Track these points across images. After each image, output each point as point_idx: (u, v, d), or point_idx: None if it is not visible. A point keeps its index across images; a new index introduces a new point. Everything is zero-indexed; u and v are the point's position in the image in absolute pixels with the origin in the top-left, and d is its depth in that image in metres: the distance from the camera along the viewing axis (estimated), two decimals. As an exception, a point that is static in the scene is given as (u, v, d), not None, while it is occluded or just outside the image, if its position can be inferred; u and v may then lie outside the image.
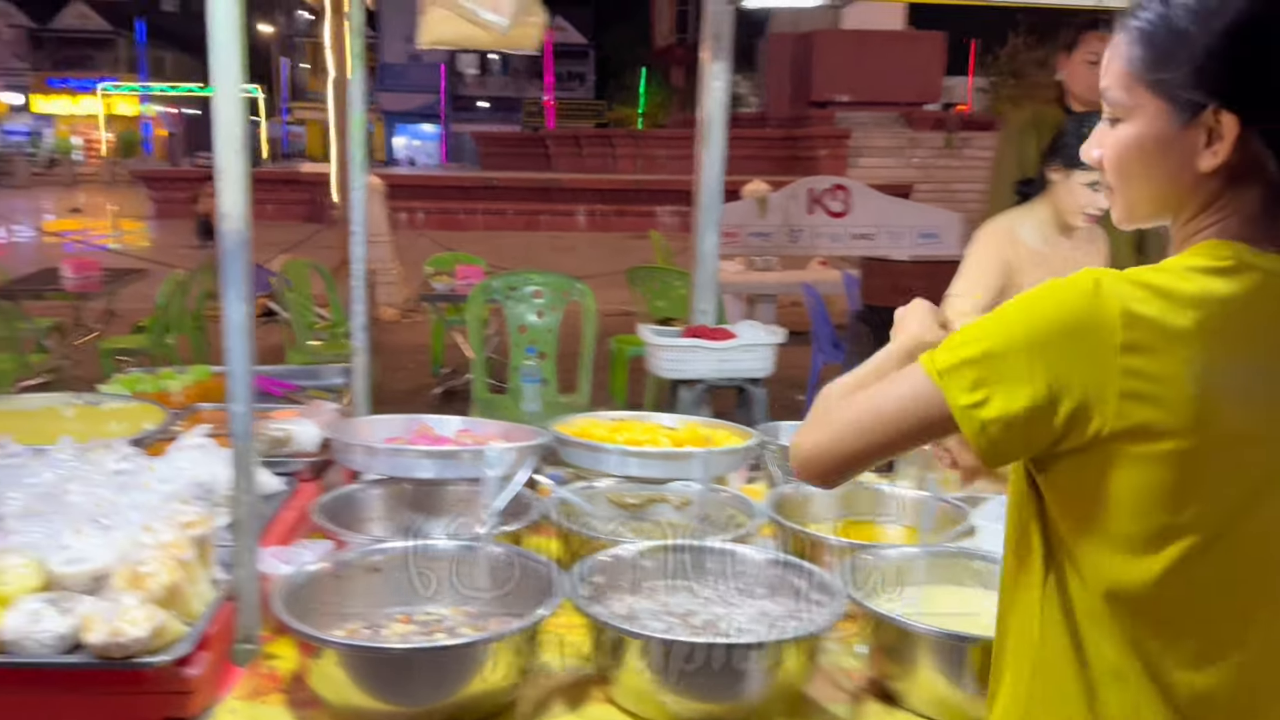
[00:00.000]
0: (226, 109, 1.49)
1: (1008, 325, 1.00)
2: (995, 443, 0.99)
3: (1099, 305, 0.97)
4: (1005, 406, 0.98)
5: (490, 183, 18.82)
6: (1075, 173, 2.51)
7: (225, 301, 1.52)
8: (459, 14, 2.29)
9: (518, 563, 1.70)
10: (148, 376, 2.83)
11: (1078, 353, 0.96)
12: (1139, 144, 1.04)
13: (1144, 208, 1.08)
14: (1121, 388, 0.95)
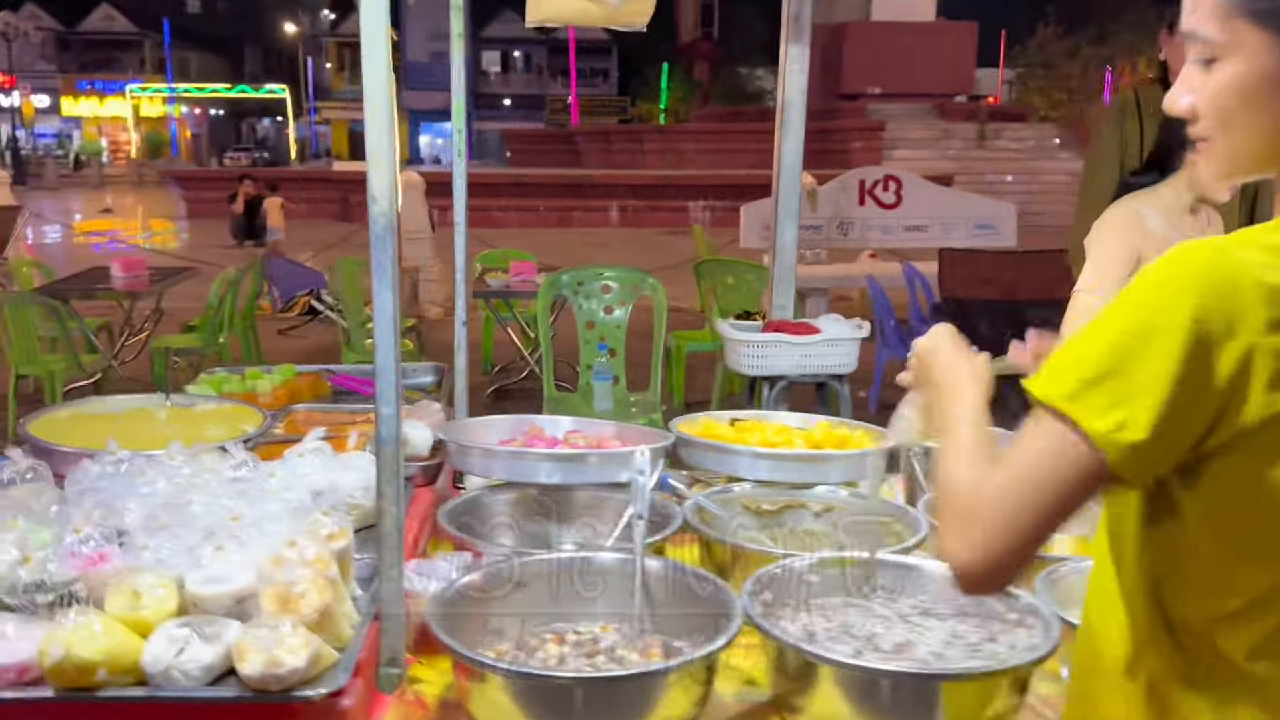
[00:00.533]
0: (375, 88, 1.36)
1: (1123, 325, 0.87)
2: (1143, 466, 0.86)
3: (1228, 281, 0.84)
4: (1148, 420, 0.84)
5: (522, 179, 18.74)
6: None
7: (375, 291, 1.39)
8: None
9: (676, 577, 1.56)
10: (233, 376, 2.71)
11: (1213, 337, 0.83)
12: (1241, 85, 0.92)
13: (1248, 159, 0.95)
14: (1272, 369, 0.83)
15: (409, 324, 6.89)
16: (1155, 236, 2.44)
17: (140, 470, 1.71)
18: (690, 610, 1.50)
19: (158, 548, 1.37)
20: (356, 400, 2.72)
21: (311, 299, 9.25)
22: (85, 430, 2.10)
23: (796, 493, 2.00)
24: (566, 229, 17.77)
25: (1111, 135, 3.77)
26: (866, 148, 20.43)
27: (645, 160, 21.94)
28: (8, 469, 1.66)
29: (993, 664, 1.35)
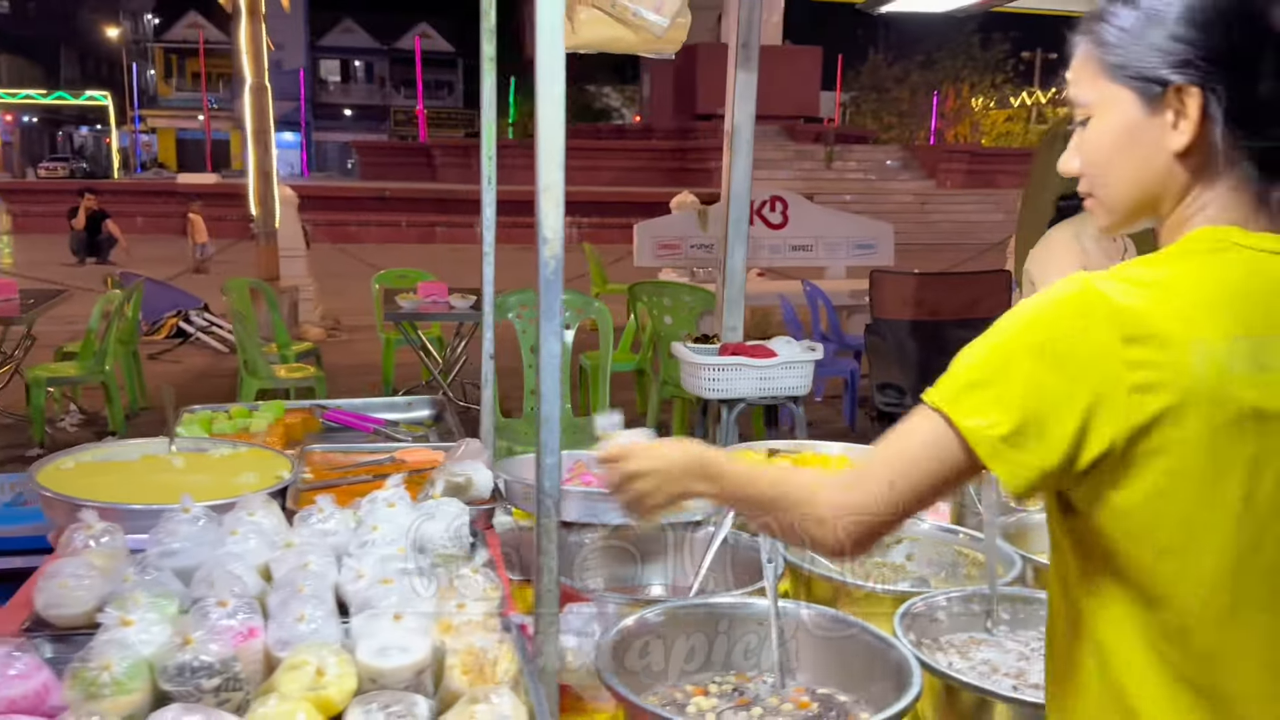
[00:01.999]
0: (549, 118, 1.29)
1: (1004, 341, 0.98)
2: (1013, 465, 0.96)
3: (1093, 304, 0.95)
4: (1016, 420, 0.95)
5: (383, 193, 18.26)
6: None
7: (542, 336, 1.32)
8: (615, 15, 2.11)
9: (820, 622, 1.53)
10: (219, 415, 2.53)
11: (1079, 354, 0.94)
12: (1111, 136, 1.04)
13: (1126, 206, 1.06)
14: (1131, 381, 0.93)
15: (306, 347, 6.60)
16: (1091, 255, 2.58)
17: (215, 527, 1.58)
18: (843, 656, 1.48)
19: (312, 617, 1.26)
20: (352, 437, 2.59)
21: (180, 321, 8.76)
22: (99, 482, 1.92)
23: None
24: (430, 245, 17.42)
25: (1046, 161, 3.95)
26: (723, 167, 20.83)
27: (505, 176, 21.73)
28: (81, 533, 1.50)
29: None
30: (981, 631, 1.63)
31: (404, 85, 53.42)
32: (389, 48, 54.76)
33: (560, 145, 1.33)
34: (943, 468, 0.99)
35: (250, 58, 8.26)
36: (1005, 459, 0.95)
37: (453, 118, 49.55)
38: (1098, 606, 1.02)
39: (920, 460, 1.00)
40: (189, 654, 1.15)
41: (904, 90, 40.19)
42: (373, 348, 8.65)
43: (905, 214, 19.08)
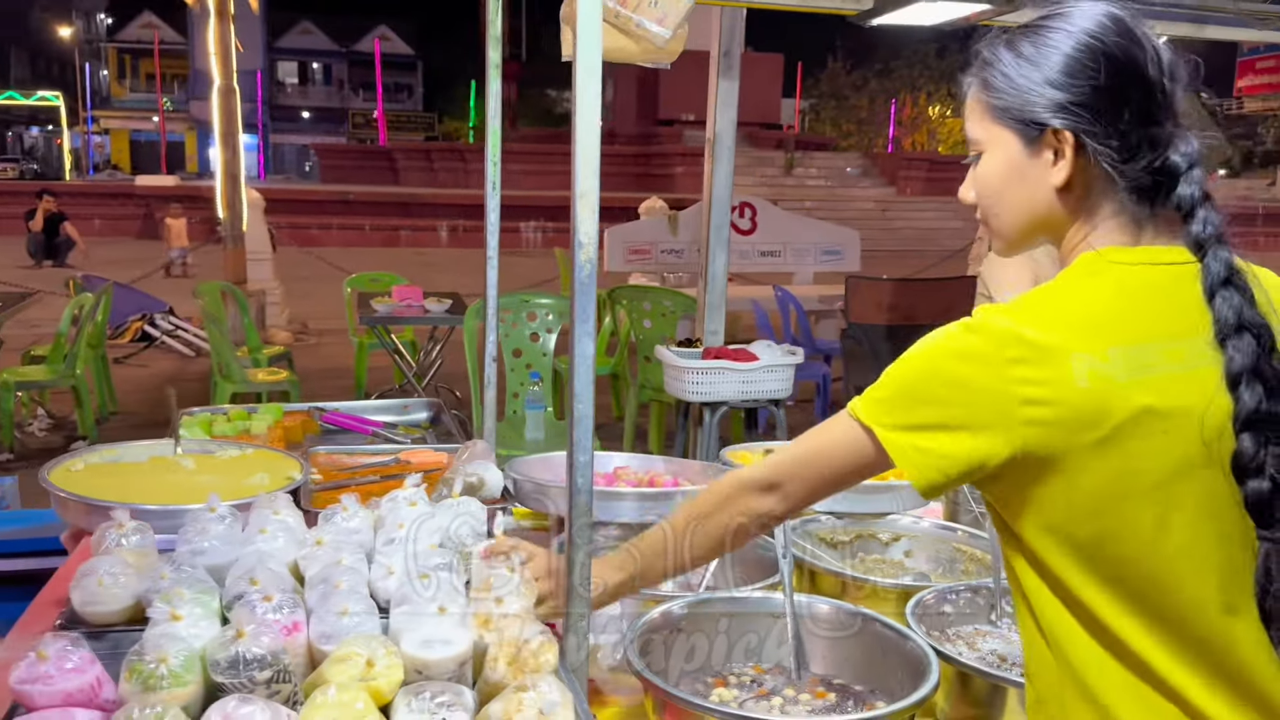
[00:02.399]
0: (586, 125, 1.33)
1: (913, 362, 1.10)
2: (921, 466, 1.08)
3: (985, 330, 1.06)
4: (920, 427, 1.07)
5: (346, 197, 18.15)
6: None
7: (575, 338, 1.35)
8: (619, 25, 2.16)
9: (836, 616, 1.59)
10: (218, 418, 2.54)
11: (975, 377, 1.05)
12: (998, 171, 1.15)
13: (1015, 233, 1.18)
14: (1021, 396, 1.03)
15: (278, 351, 6.57)
16: (1042, 266, 2.63)
17: (239, 526, 1.60)
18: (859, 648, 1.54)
19: (354, 611, 1.29)
20: (352, 439, 2.61)
21: (145, 324, 8.67)
22: (111, 483, 1.93)
23: (868, 523, 2.07)
24: (393, 248, 17.35)
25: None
26: (688, 173, 20.95)
27: (468, 179, 21.70)
28: (113, 532, 1.51)
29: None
30: (986, 624, 1.69)
31: (363, 88, 53.06)
32: (348, 50, 54.37)
33: (596, 152, 1.37)
34: (853, 463, 1.16)
35: (219, 59, 8.20)
36: (915, 463, 1.08)
37: (412, 121, 49.34)
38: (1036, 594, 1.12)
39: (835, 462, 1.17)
40: (241, 646, 1.18)
41: (862, 98, 40.62)
42: (342, 351, 8.63)
43: (867, 220, 19.30)
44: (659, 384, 4.99)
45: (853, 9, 2.73)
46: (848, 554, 2.05)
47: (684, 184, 20.00)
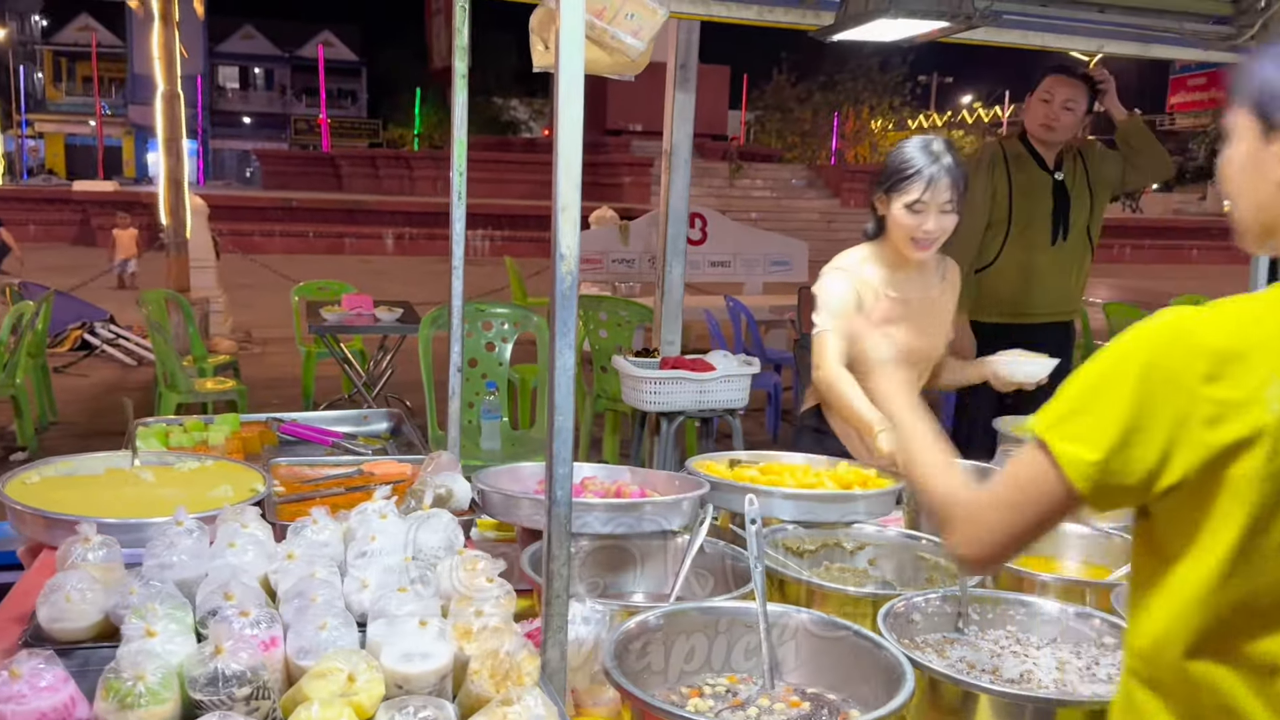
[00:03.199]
0: (568, 139, 1.34)
1: (1099, 370, 1.08)
2: (1097, 484, 1.05)
3: (1179, 336, 1.04)
4: (1105, 445, 1.04)
5: (289, 203, 17.91)
6: (893, 197, 2.50)
7: (555, 350, 1.36)
8: (594, 37, 2.16)
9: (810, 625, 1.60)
10: (174, 429, 2.49)
11: (1162, 386, 1.03)
12: (1236, 158, 1.15)
13: (1246, 226, 1.17)
14: (1205, 414, 1.01)
15: (224, 360, 6.46)
16: (871, 287, 2.60)
17: (207, 540, 1.58)
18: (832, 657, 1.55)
19: (333, 626, 1.28)
20: (313, 450, 2.58)
21: (84, 333, 8.47)
22: (68, 496, 1.89)
23: (833, 532, 2.09)
24: (338, 256, 17.16)
25: (980, 185, 4.11)
26: (636, 183, 21.00)
27: (414, 187, 21.54)
28: (79, 546, 1.48)
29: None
30: (953, 631, 1.71)
31: (306, 93, 52.43)
32: (291, 55, 53.70)
33: (577, 164, 1.37)
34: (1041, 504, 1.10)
35: (162, 64, 8.06)
36: (1092, 480, 1.05)
37: (356, 127, 48.83)
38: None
39: (1022, 504, 1.12)
40: (220, 663, 1.16)
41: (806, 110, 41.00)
42: (287, 360, 8.51)
43: (813, 231, 19.46)
44: (615, 394, 4.99)
45: (813, 24, 2.76)
46: (814, 563, 2.07)
47: (632, 194, 20.05)
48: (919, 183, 2.45)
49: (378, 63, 52.40)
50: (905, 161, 2.49)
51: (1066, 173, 4.02)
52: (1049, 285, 4.00)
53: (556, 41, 1.43)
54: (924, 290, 2.67)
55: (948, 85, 55.21)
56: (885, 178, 2.54)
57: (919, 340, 2.68)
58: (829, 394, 2.52)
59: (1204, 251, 23.73)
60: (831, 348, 2.50)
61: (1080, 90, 3.93)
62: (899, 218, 2.49)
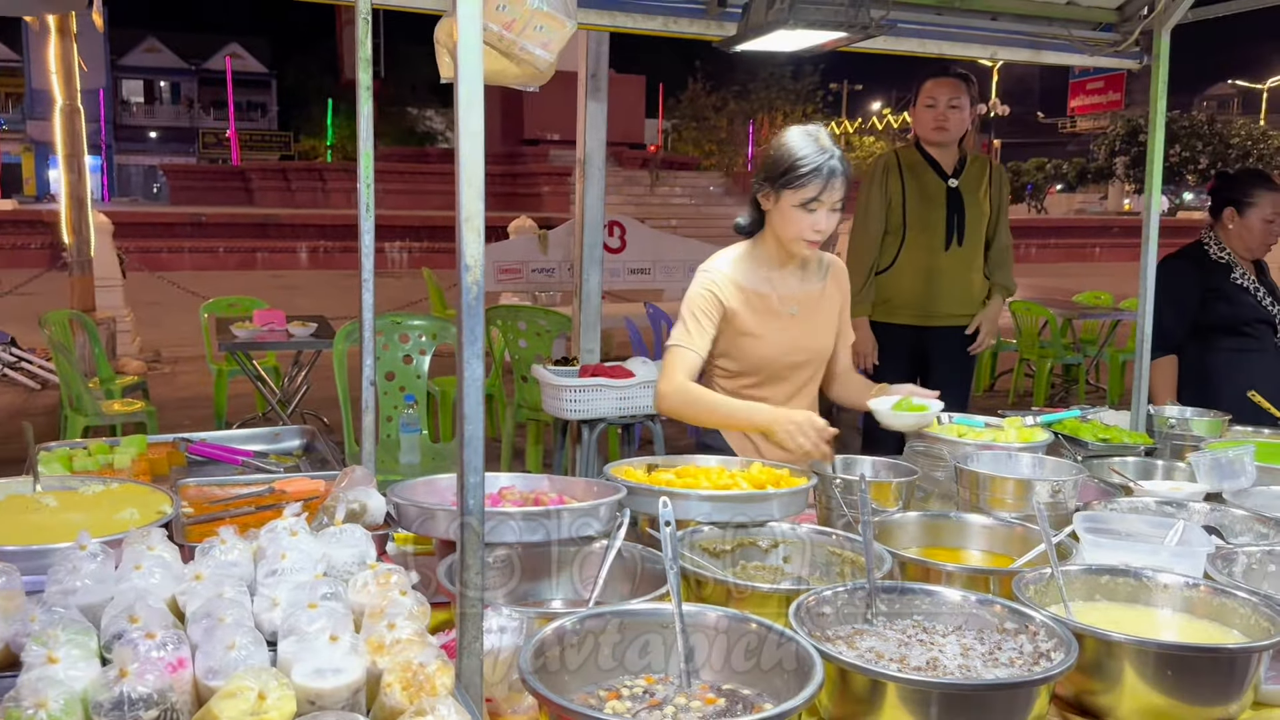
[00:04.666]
0: (469, 148, 1.35)
1: None
2: None
3: None
4: None
5: (199, 219, 17.51)
6: (785, 194, 2.47)
7: (463, 360, 1.36)
8: (502, 49, 2.16)
9: (722, 622, 1.63)
10: (78, 452, 2.43)
11: None
12: None
13: None
14: None
15: (131, 381, 6.30)
16: (745, 291, 2.65)
17: (112, 563, 1.55)
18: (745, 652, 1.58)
19: (242, 645, 1.27)
20: (223, 470, 2.54)
21: (-17, 355, 8.18)
22: (-35, 523, 1.83)
23: (746, 532, 2.13)
24: (249, 271, 16.83)
25: (877, 190, 4.23)
26: (555, 192, 20.99)
27: (328, 199, 21.22)
28: (-25, 575, 1.44)
29: (1039, 671, 1.54)
30: (862, 623, 1.76)
31: (213, 106, 51.36)
32: (197, 68, 52.56)
33: (480, 174, 1.38)
34: None
35: (60, 78, 7.84)
36: None
37: (267, 140, 47.93)
38: None
39: None
40: (126, 686, 1.15)
41: (722, 119, 41.43)
42: (199, 380, 8.33)
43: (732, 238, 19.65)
44: (536, 403, 4.99)
45: (717, 35, 2.81)
46: (730, 562, 2.11)
47: (551, 203, 20.04)
48: (816, 180, 2.44)
49: (287, 74, 51.56)
50: (798, 157, 2.46)
51: (965, 179, 4.14)
52: (948, 287, 4.13)
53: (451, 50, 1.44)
54: (805, 288, 2.69)
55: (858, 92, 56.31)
56: (775, 172, 2.49)
57: (806, 339, 2.73)
58: (686, 409, 2.56)
59: (1106, 249, 24.53)
60: (682, 362, 2.54)
61: (960, 88, 4.06)
62: (790, 215, 2.48)
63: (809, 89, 43.23)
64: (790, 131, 2.54)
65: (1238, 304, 3.73)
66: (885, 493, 2.27)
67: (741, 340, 2.67)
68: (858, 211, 4.36)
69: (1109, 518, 2.16)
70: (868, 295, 4.17)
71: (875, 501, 2.26)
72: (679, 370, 2.55)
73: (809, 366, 2.74)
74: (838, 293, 2.77)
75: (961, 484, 2.34)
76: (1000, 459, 2.43)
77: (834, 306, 2.77)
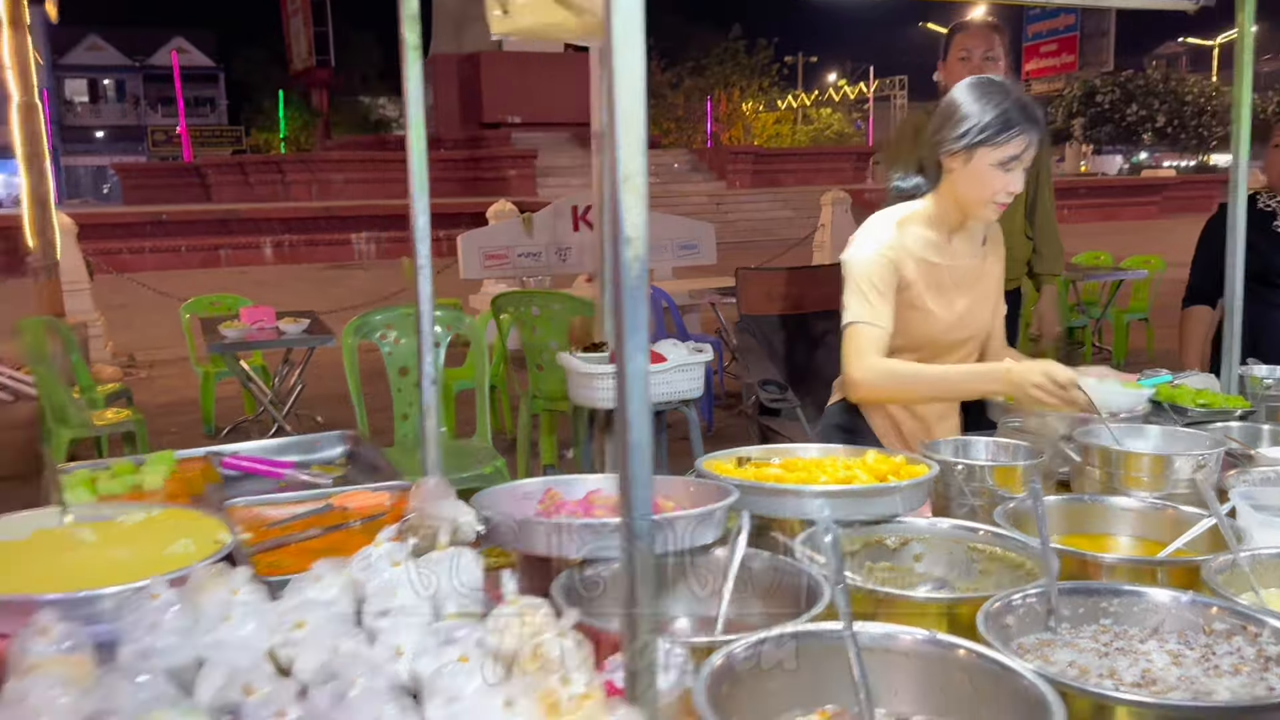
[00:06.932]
0: (628, 97, 1.11)
1: None
2: None
3: None
4: None
5: (159, 217, 16.99)
6: (981, 152, 2.29)
7: (626, 352, 1.12)
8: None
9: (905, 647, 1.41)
10: (100, 473, 2.16)
11: None
12: None
13: None
14: None
15: (114, 388, 5.97)
16: (915, 261, 2.45)
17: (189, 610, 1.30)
18: (940, 678, 1.37)
19: (387, 715, 1.03)
20: (263, 486, 2.27)
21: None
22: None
23: (874, 529, 1.91)
24: (214, 269, 16.38)
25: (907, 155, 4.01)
26: (520, 176, 20.64)
27: (288, 192, 20.71)
28: (37, 640, 1.19)
29: (1273, 678, 1.33)
30: (1045, 631, 1.55)
31: (161, 103, 50.30)
32: (141, 65, 51.38)
33: (643, 127, 1.14)
34: None
35: (16, 73, 7.43)
36: None
37: (218, 135, 47.01)
38: None
39: None
40: (266, 784, 0.90)
41: (678, 95, 41.19)
42: (180, 384, 7.99)
43: (703, 214, 19.42)
44: (551, 393, 4.75)
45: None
46: (856, 564, 1.89)
47: (518, 187, 19.68)
48: (1020, 137, 2.25)
49: (235, 68, 50.53)
50: (1002, 111, 2.26)
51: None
52: None
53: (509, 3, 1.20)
54: (972, 257, 2.50)
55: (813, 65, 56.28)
56: (974, 129, 2.27)
57: (974, 314, 2.53)
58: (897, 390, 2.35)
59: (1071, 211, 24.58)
60: (870, 340, 2.32)
61: (994, 39, 3.85)
62: (984, 176, 2.28)
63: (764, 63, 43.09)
64: (978, 83, 2.33)
65: None
66: (1012, 477, 2.06)
67: (909, 314, 2.45)
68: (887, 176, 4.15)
69: (1260, 493, 1.97)
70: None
71: (1003, 487, 2.06)
72: (870, 349, 2.32)
73: (971, 343, 2.55)
74: (998, 263, 2.59)
75: (1090, 461, 2.14)
76: (1126, 433, 2.23)
77: (995, 277, 2.59)
